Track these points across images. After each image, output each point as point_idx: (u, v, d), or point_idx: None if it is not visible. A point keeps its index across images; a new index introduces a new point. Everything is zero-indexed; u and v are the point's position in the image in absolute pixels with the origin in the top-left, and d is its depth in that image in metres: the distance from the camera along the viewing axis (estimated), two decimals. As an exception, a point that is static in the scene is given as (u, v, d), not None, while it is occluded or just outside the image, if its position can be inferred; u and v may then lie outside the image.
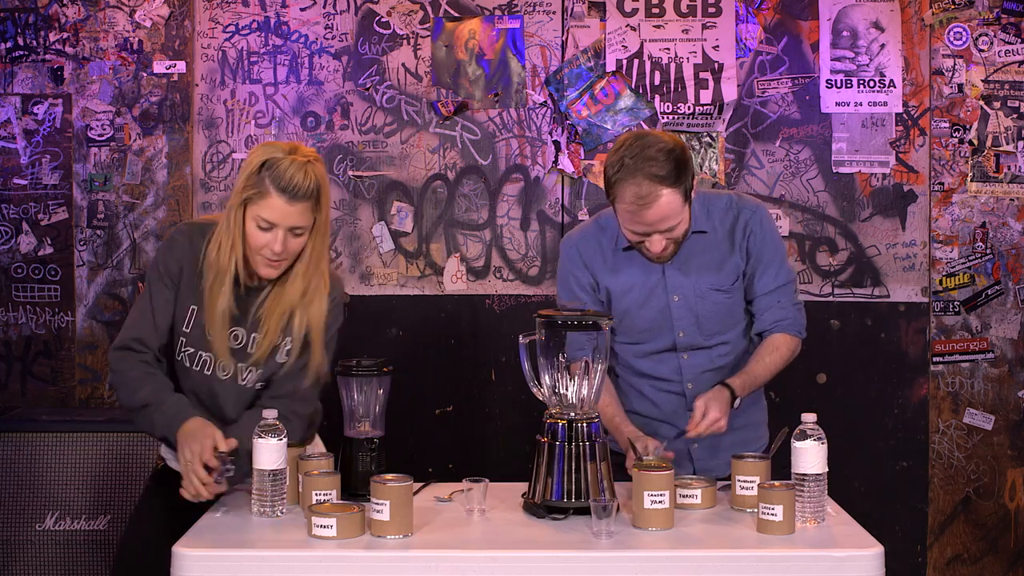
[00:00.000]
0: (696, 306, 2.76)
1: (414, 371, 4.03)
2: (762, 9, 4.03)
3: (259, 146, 2.54)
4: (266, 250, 2.50)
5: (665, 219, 2.59)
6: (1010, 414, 4.04)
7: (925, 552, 4.04)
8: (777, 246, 2.78)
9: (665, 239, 2.63)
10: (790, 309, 2.78)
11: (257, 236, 2.49)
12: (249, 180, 2.48)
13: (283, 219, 2.47)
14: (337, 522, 2.24)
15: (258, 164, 2.47)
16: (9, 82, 4.05)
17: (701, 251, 2.75)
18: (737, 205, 2.78)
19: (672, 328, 2.78)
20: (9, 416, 3.81)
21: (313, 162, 2.51)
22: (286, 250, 2.50)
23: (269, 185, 2.46)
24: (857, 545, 2.23)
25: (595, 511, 2.26)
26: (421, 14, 4.05)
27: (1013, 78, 4.02)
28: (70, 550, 3.62)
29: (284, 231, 2.48)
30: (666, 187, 2.55)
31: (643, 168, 2.54)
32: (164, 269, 2.58)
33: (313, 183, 2.48)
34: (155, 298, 2.57)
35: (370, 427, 2.58)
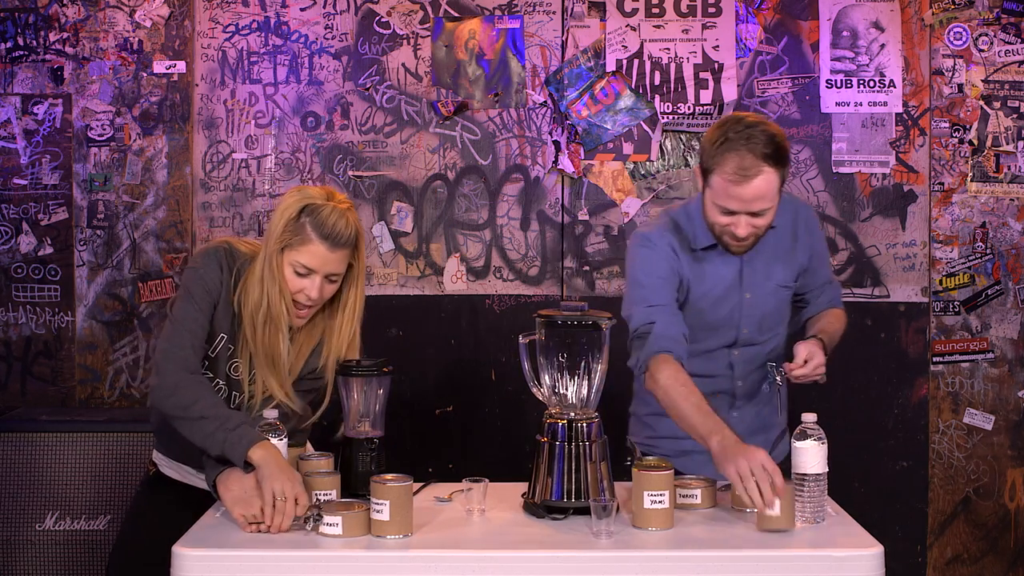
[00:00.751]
0: (763, 303, 2.76)
1: (414, 371, 4.03)
2: (762, 9, 4.03)
3: (293, 191, 2.51)
4: (301, 295, 2.48)
5: (760, 198, 2.54)
6: (1010, 414, 4.04)
7: (925, 552, 4.04)
8: (825, 244, 2.95)
9: (752, 224, 2.59)
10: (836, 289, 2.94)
11: (294, 281, 2.47)
12: (288, 226, 2.45)
13: (323, 265, 2.46)
14: (343, 520, 2.24)
15: (297, 210, 2.45)
16: (9, 82, 4.05)
17: (771, 247, 2.73)
18: (794, 202, 2.82)
19: (738, 325, 2.75)
20: (9, 416, 3.81)
21: (351, 209, 2.51)
22: (320, 296, 2.50)
23: (311, 232, 2.44)
24: (857, 545, 2.23)
25: (595, 511, 2.26)
26: (421, 14, 4.05)
27: (1013, 78, 4.02)
28: (70, 550, 3.62)
29: (321, 277, 2.48)
30: (768, 165, 2.51)
31: (749, 143, 2.51)
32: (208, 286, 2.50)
33: (353, 231, 2.48)
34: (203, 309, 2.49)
35: (370, 427, 2.58)
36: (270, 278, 2.47)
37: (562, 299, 4.04)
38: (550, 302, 4.01)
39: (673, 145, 4.05)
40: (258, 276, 2.49)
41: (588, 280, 4.07)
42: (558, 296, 4.06)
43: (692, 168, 4.04)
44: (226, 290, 2.52)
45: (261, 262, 2.49)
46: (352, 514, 2.25)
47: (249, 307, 2.50)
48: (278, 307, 2.48)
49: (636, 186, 4.05)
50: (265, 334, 2.50)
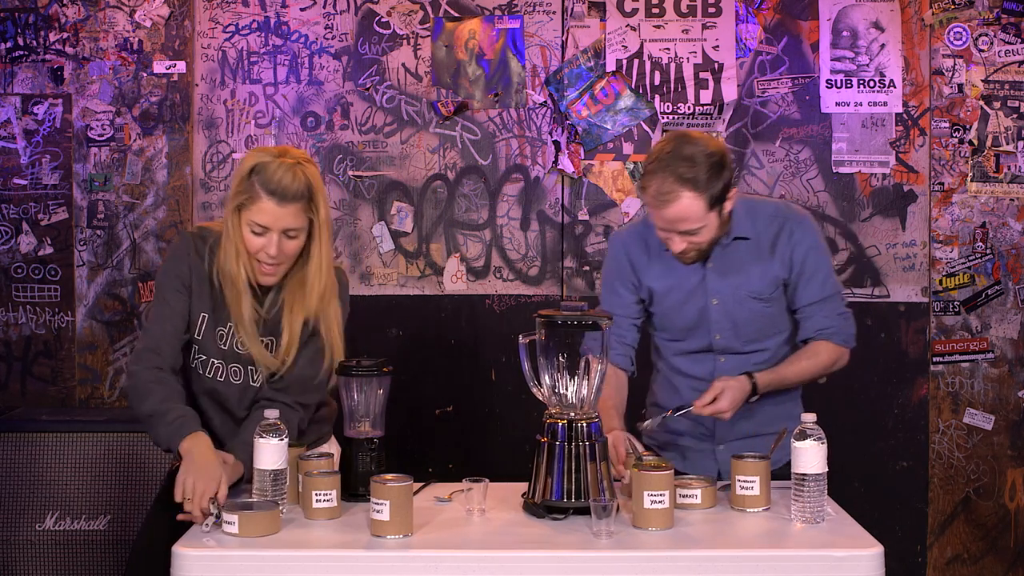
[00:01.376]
0: (734, 312, 2.76)
1: (414, 371, 4.03)
2: (762, 9, 4.03)
3: (249, 152, 2.58)
4: (262, 254, 2.51)
5: (682, 221, 2.59)
6: (1010, 414, 4.04)
7: (925, 552, 4.04)
8: (822, 257, 2.77)
9: (685, 241, 2.64)
10: (834, 319, 2.77)
11: (252, 241, 2.50)
12: (240, 186, 2.50)
13: (275, 222, 2.48)
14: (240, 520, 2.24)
15: (247, 170, 2.49)
16: (9, 82, 4.05)
17: (743, 257, 2.74)
18: (784, 214, 2.77)
19: (709, 330, 2.79)
20: (9, 416, 3.81)
21: (303, 163, 2.51)
22: (282, 253, 2.51)
23: (259, 189, 2.47)
24: (857, 545, 2.23)
25: (595, 511, 2.26)
26: (421, 14, 4.05)
27: (1013, 78, 4.02)
28: (70, 550, 3.62)
29: (278, 234, 2.49)
30: (688, 190, 2.56)
31: (672, 166, 2.56)
32: (176, 275, 2.58)
33: (303, 184, 2.49)
34: (170, 302, 2.58)
35: (370, 427, 2.58)
36: (227, 239, 2.53)
37: (562, 299, 4.04)
38: (550, 302, 4.01)
39: (673, 145, 4.04)
40: (221, 242, 2.55)
41: (588, 280, 4.07)
42: (558, 296, 4.06)
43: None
44: (196, 271, 2.57)
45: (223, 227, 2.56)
46: (248, 514, 2.25)
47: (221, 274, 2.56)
48: (235, 267, 2.53)
49: (636, 186, 4.05)
50: (229, 294, 2.56)
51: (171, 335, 2.57)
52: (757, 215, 2.75)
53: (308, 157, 2.56)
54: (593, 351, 2.46)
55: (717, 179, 2.58)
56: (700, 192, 2.56)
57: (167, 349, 2.56)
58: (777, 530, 2.35)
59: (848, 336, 2.79)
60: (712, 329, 2.78)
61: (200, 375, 2.64)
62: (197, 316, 2.59)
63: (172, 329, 2.57)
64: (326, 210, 2.57)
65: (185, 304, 2.58)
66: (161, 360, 2.54)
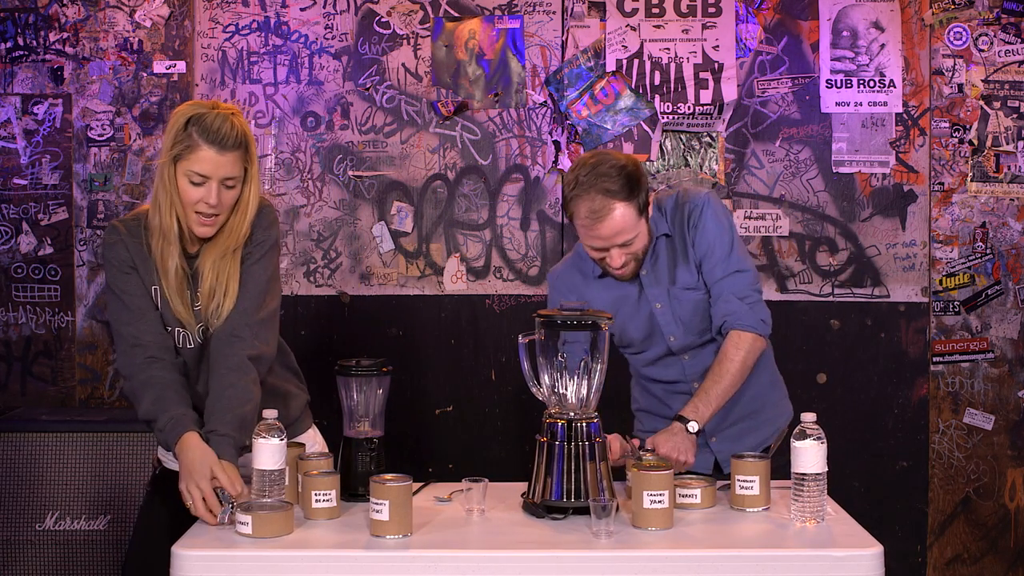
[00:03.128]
0: (677, 310, 2.79)
1: (414, 371, 4.03)
2: (762, 9, 4.03)
3: (181, 106, 2.55)
4: (201, 204, 2.50)
5: (619, 233, 2.65)
6: (1010, 414, 4.04)
7: (925, 552, 4.04)
8: (721, 235, 2.76)
9: (624, 254, 2.69)
10: (735, 302, 2.72)
11: (190, 192, 2.49)
12: (177, 137, 2.49)
13: (215, 170, 2.48)
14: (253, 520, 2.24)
15: (184, 121, 2.48)
16: (9, 82, 4.05)
17: (668, 254, 2.79)
18: (683, 200, 2.80)
19: (662, 334, 2.82)
20: (9, 416, 3.81)
21: (236, 114, 2.53)
22: (220, 203, 2.51)
23: (198, 138, 2.47)
24: (857, 545, 2.23)
25: (595, 511, 2.26)
26: (421, 14, 4.05)
27: (1013, 78, 4.02)
28: (70, 550, 3.62)
29: (217, 183, 2.49)
30: (618, 201, 2.62)
31: (596, 184, 2.62)
32: (118, 263, 2.57)
33: (240, 132, 2.50)
34: (127, 291, 2.56)
35: (370, 427, 2.58)
36: (163, 193, 2.51)
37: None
38: (550, 302, 4.01)
39: (673, 145, 4.05)
40: (153, 199, 2.54)
41: (588, 280, 4.07)
42: (558, 296, 4.06)
43: (692, 168, 4.04)
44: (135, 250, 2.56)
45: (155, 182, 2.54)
46: (262, 514, 2.25)
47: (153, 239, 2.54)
48: (168, 220, 2.51)
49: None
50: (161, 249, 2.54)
51: (143, 320, 2.55)
52: (665, 209, 2.79)
53: (238, 109, 2.57)
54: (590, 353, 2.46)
55: (639, 187, 2.65)
56: (628, 201, 2.63)
57: (147, 337, 2.54)
58: (777, 530, 2.35)
59: (755, 322, 2.71)
60: (664, 332, 2.82)
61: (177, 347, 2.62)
62: (149, 290, 2.58)
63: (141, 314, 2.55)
64: (257, 162, 2.58)
65: (138, 283, 2.56)
66: (147, 350, 2.53)
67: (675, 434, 2.61)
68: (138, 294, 2.56)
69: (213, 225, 2.54)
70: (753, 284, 2.76)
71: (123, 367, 2.56)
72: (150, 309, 2.56)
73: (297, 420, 2.78)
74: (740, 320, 2.71)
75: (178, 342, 2.60)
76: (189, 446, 2.41)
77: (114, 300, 2.58)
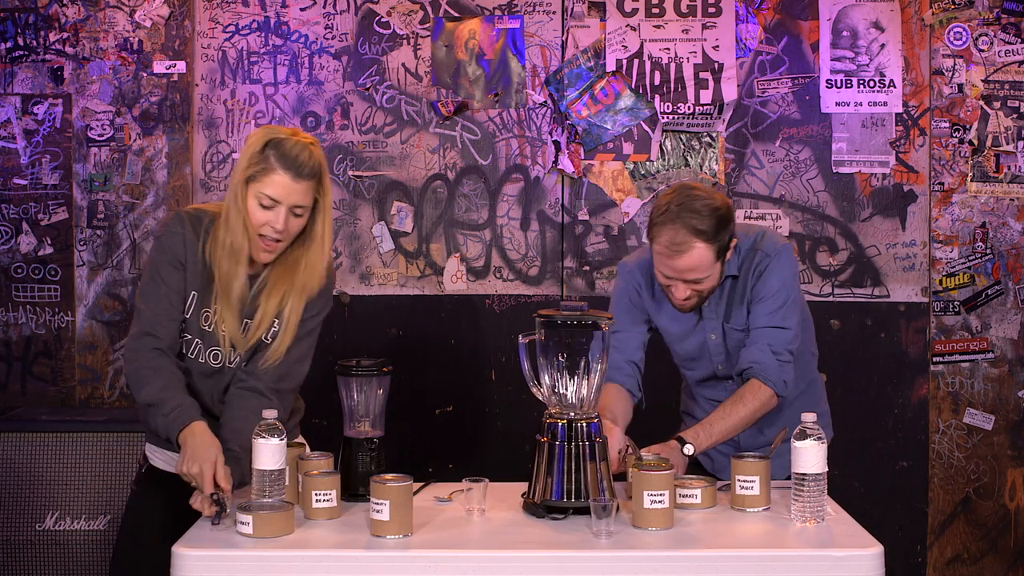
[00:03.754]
0: (731, 344, 2.84)
1: (414, 371, 4.03)
2: (762, 9, 4.03)
3: (260, 128, 2.56)
4: (267, 228, 2.50)
5: (692, 270, 2.67)
6: (1010, 414, 4.04)
7: (925, 552, 4.04)
8: (780, 290, 2.77)
9: (690, 289, 2.71)
10: (768, 355, 2.73)
11: (258, 214, 2.50)
12: (253, 159, 2.49)
13: (287, 196, 2.48)
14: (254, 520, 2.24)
15: (262, 143, 2.49)
16: (9, 82, 4.05)
17: (730, 295, 2.82)
18: (758, 246, 2.81)
19: (711, 361, 2.88)
20: (9, 416, 3.81)
21: (315, 144, 2.54)
22: (286, 229, 2.51)
23: (274, 162, 2.47)
24: (857, 545, 2.23)
25: (595, 511, 2.26)
26: (421, 14, 4.05)
27: (1013, 78, 4.02)
28: (70, 550, 3.62)
29: (286, 209, 2.49)
30: (701, 241, 2.63)
31: (684, 217, 2.63)
32: (170, 253, 2.56)
33: (316, 163, 2.51)
34: (167, 281, 2.55)
35: (370, 427, 2.58)
36: (235, 212, 2.51)
37: (562, 299, 4.04)
38: (550, 302, 4.01)
39: (673, 145, 4.05)
40: (224, 216, 2.54)
41: (588, 280, 4.07)
42: (558, 296, 4.06)
43: (692, 169, 4.04)
44: (190, 248, 2.56)
45: (227, 200, 2.54)
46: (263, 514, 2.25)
47: (217, 249, 2.54)
48: (240, 240, 2.51)
49: (636, 186, 4.05)
50: (227, 267, 2.54)
51: (168, 315, 2.55)
52: (740, 249, 2.81)
53: (316, 140, 2.58)
54: (594, 353, 2.47)
55: (724, 231, 2.67)
56: (711, 243, 2.65)
57: (164, 331, 2.54)
58: (777, 530, 2.35)
59: (778, 381, 2.72)
60: (713, 360, 2.88)
61: (183, 353, 2.62)
62: (188, 294, 2.58)
63: (169, 307, 2.55)
64: (330, 195, 2.59)
65: (181, 281, 2.56)
66: (159, 342, 2.53)
67: (671, 450, 2.63)
68: (176, 290, 2.56)
69: (275, 251, 2.55)
70: (790, 344, 2.76)
71: (130, 349, 2.55)
72: (178, 308, 2.57)
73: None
74: (765, 374, 2.72)
75: (190, 352, 2.60)
76: (197, 432, 2.42)
77: (150, 281, 2.57)
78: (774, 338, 2.75)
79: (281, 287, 2.58)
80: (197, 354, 2.60)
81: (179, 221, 2.58)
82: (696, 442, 2.65)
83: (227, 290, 2.55)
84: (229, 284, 2.54)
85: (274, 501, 2.34)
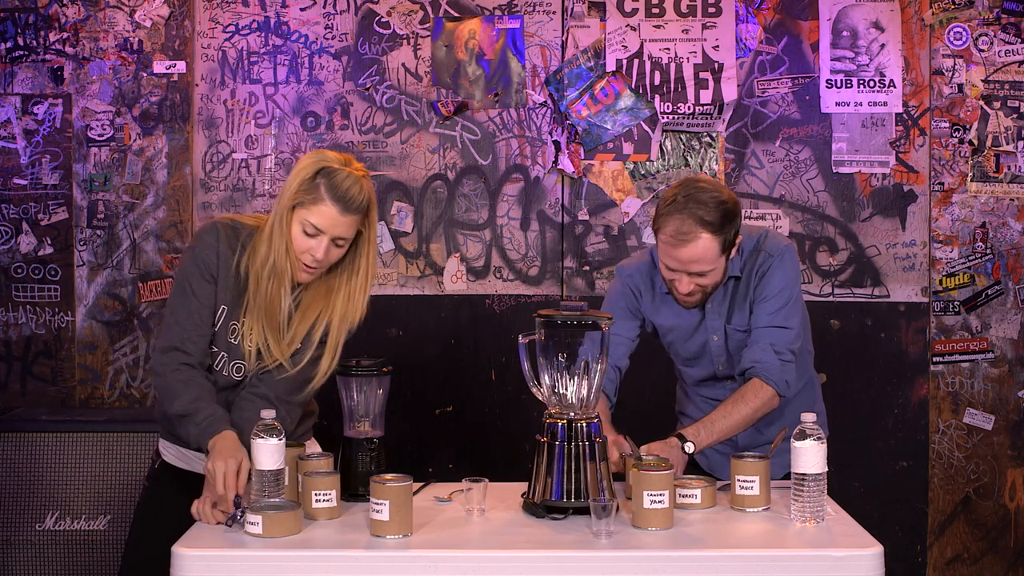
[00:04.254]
0: (731, 345, 2.85)
1: (414, 371, 4.03)
2: (762, 9, 4.03)
3: (312, 153, 2.55)
4: (306, 255, 2.51)
5: (697, 261, 2.67)
6: (1010, 414, 4.04)
7: (925, 552, 4.04)
8: (783, 289, 2.78)
9: (693, 283, 2.71)
10: (770, 354, 2.73)
11: (300, 240, 2.50)
12: (303, 185, 2.49)
13: (331, 227, 2.48)
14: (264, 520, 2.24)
15: (313, 171, 2.49)
16: (9, 82, 4.05)
17: (733, 295, 2.83)
18: (761, 246, 2.82)
19: (712, 361, 2.89)
20: (9, 416, 3.81)
21: (367, 177, 2.54)
22: (326, 258, 2.52)
23: (324, 192, 2.47)
24: (857, 545, 2.23)
25: (595, 511, 2.26)
26: (421, 14, 4.05)
27: (1013, 78, 4.02)
28: (70, 550, 3.62)
29: (329, 239, 2.50)
30: (707, 232, 2.64)
31: (691, 208, 2.63)
32: (205, 264, 2.55)
33: (366, 198, 2.51)
34: (198, 295, 2.54)
35: (370, 427, 2.58)
36: (279, 234, 2.50)
37: (562, 299, 4.04)
38: (550, 302, 4.01)
39: (673, 145, 4.05)
40: (267, 234, 2.53)
41: (588, 280, 4.07)
42: (558, 296, 4.06)
43: (692, 168, 4.04)
44: (224, 261, 2.55)
45: (271, 220, 2.53)
46: (272, 514, 2.25)
47: (256, 265, 2.53)
48: (283, 262, 2.51)
49: (636, 186, 4.05)
50: (269, 287, 2.53)
51: (199, 331, 2.54)
52: (743, 250, 2.81)
53: (367, 172, 2.58)
54: (592, 353, 2.47)
55: (730, 225, 2.68)
56: (716, 235, 2.65)
57: (194, 347, 2.53)
58: (777, 530, 2.35)
59: (780, 380, 2.73)
60: (714, 360, 2.88)
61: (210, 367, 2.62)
62: (218, 308, 2.57)
63: (200, 323, 2.54)
64: (376, 227, 2.60)
65: (211, 295, 2.55)
66: (189, 358, 2.52)
67: (671, 447, 2.63)
68: (207, 304, 2.55)
69: (313, 275, 2.55)
70: (792, 343, 2.76)
71: (159, 363, 2.53)
72: (208, 322, 2.56)
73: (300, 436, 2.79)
74: (767, 373, 2.73)
75: (215, 364, 2.59)
76: (227, 438, 2.41)
77: (181, 294, 2.55)
78: (776, 338, 2.75)
79: (315, 309, 2.58)
80: (222, 367, 2.60)
81: (214, 232, 2.57)
82: (696, 440, 2.65)
83: (271, 312, 2.55)
84: (273, 306, 2.54)
85: (282, 501, 2.34)
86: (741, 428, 2.72)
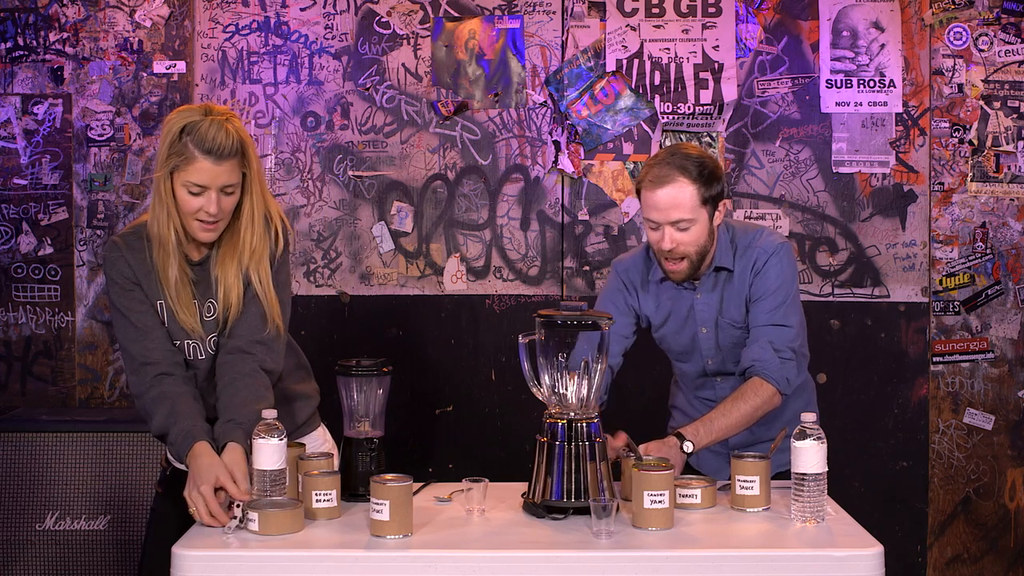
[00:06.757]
0: (720, 338, 2.84)
1: (414, 371, 4.03)
2: (762, 9, 4.03)
3: (174, 113, 2.51)
4: (201, 213, 2.48)
5: (674, 207, 2.68)
6: (1010, 414, 4.04)
7: (925, 552, 4.04)
8: (780, 286, 2.77)
9: (676, 239, 2.70)
10: (769, 352, 2.73)
11: (189, 201, 2.47)
12: (172, 148, 2.46)
13: (213, 180, 2.46)
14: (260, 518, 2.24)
15: (178, 130, 2.45)
16: (9, 82, 4.05)
17: (726, 287, 2.82)
18: (758, 245, 2.81)
19: (701, 355, 2.88)
20: (9, 416, 3.81)
21: (231, 119, 2.50)
22: (221, 210, 2.49)
23: (194, 149, 2.44)
24: (857, 545, 2.23)
25: (595, 511, 2.26)
26: (421, 14, 4.05)
27: (1013, 78, 4.02)
28: (70, 550, 3.62)
29: (216, 192, 2.47)
30: (685, 177, 2.68)
31: (671, 159, 2.71)
32: (120, 280, 2.55)
33: (236, 139, 2.47)
34: (133, 308, 2.54)
35: (370, 427, 2.59)
36: (159, 204, 2.49)
37: (562, 299, 4.04)
38: (550, 302, 4.01)
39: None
40: (152, 213, 2.52)
41: (588, 280, 4.07)
42: (558, 296, 4.06)
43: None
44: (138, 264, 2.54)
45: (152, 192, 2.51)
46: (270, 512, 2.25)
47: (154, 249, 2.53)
48: (166, 231, 2.50)
49: (634, 183, 4.04)
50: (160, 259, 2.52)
51: (152, 338, 2.53)
52: (738, 246, 2.82)
53: (232, 112, 2.54)
54: (590, 354, 2.47)
55: (711, 180, 2.71)
56: (695, 183, 2.68)
57: (158, 354, 2.52)
58: (777, 530, 2.35)
59: (780, 378, 2.72)
60: (703, 355, 2.88)
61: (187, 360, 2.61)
62: (156, 305, 2.56)
63: (149, 330, 2.53)
64: (258, 163, 2.55)
65: (144, 299, 2.54)
66: (158, 367, 2.51)
67: (670, 447, 2.63)
68: (143, 311, 2.54)
69: (215, 230, 2.52)
70: (792, 341, 2.76)
71: (134, 386, 2.54)
72: (156, 326, 2.55)
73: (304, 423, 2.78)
74: (767, 371, 2.72)
75: (188, 354, 2.59)
76: (199, 454, 2.40)
77: (119, 319, 2.56)
78: (775, 336, 2.75)
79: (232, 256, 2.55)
80: (194, 352, 2.59)
81: (115, 248, 2.57)
82: (696, 439, 2.65)
83: (166, 282, 2.53)
84: (165, 275, 2.53)
85: (283, 499, 2.34)
86: (741, 427, 2.72)
